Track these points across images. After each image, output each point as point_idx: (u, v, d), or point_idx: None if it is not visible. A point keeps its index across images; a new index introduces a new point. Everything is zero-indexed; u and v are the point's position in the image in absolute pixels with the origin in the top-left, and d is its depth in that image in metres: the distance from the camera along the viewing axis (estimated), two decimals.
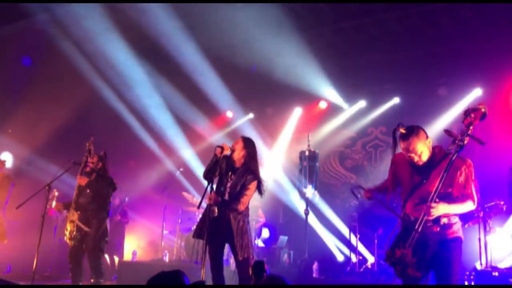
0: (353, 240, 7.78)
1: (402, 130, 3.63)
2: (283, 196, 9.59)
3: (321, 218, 9.20)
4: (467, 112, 3.50)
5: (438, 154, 3.66)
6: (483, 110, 3.45)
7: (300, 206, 9.02)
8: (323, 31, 8.24)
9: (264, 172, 5.03)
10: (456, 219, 3.65)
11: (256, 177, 4.80)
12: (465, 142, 3.44)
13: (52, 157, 8.08)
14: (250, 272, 4.24)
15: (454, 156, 3.46)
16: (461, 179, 3.58)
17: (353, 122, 9.80)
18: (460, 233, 3.65)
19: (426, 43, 8.28)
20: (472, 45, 7.94)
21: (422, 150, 3.62)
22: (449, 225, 3.59)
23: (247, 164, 4.85)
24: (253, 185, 4.75)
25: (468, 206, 3.61)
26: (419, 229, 3.50)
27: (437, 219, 3.56)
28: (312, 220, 8.94)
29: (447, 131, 3.54)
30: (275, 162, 10.18)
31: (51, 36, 7.98)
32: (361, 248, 8.10)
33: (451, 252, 3.55)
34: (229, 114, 10.76)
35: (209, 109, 10.31)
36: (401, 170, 3.84)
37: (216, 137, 10.30)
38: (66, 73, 8.55)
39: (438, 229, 3.55)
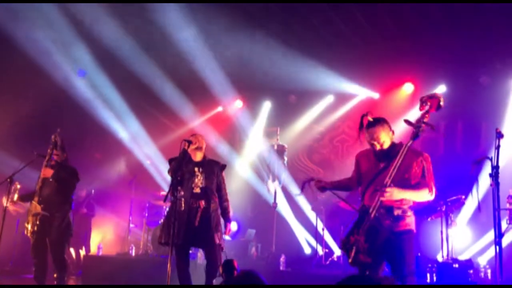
0: (320, 233, 7.88)
1: (369, 118, 3.78)
2: (251, 189, 9.62)
3: (289, 211, 9.28)
4: (423, 100, 3.62)
5: (398, 146, 3.77)
6: (441, 100, 3.57)
7: (268, 199, 9.07)
8: (291, 25, 8.24)
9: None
10: (410, 213, 3.74)
11: (223, 165, 5.23)
12: (421, 129, 3.56)
13: (14, 150, 7.86)
14: (221, 270, 4.28)
15: (410, 143, 3.58)
16: (417, 169, 3.71)
17: (321, 116, 9.87)
18: (413, 227, 3.75)
19: (391, 38, 8.39)
20: (437, 41, 8.09)
21: (385, 140, 3.76)
22: (402, 217, 3.68)
23: (207, 157, 5.17)
24: (224, 173, 5.18)
25: (424, 194, 3.70)
26: (372, 215, 3.59)
27: (391, 210, 3.65)
28: (280, 213, 9.00)
29: (406, 121, 3.67)
30: (244, 156, 10.20)
31: (10, 26, 7.72)
32: (328, 241, 8.21)
33: (403, 243, 3.64)
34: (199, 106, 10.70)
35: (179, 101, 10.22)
36: (363, 163, 3.99)
37: (184, 129, 10.22)
38: (27, 64, 8.29)
39: (391, 219, 3.63)
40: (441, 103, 3.57)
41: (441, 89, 8.60)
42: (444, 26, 7.81)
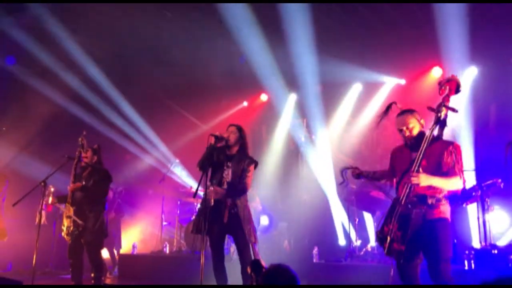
0: (352, 224, 7.79)
1: (399, 106, 3.87)
2: (281, 182, 9.57)
3: (321, 203, 9.18)
4: (441, 84, 3.62)
5: (429, 136, 3.71)
6: (459, 82, 3.58)
7: (298, 192, 9.00)
8: (314, 13, 8.12)
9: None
10: (444, 201, 3.70)
11: (253, 160, 4.91)
12: (443, 113, 3.56)
13: (46, 154, 8.04)
14: (249, 270, 4.25)
15: (434, 127, 3.59)
16: (448, 158, 3.68)
17: (349, 105, 9.73)
18: (447, 215, 3.70)
19: (417, 22, 8.18)
20: (465, 22, 7.85)
21: (414, 126, 3.78)
22: (436, 206, 3.65)
23: (243, 150, 4.93)
24: (252, 167, 4.86)
25: (455, 182, 3.65)
26: (402, 202, 3.60)
27: (424, 199, 3.63)
28: (312, 205, 8.92)
29: (429, 108, 3.67)
30: (272, 149, 10.16)
31: (35, 31, 7.87)
32: (361, 231, 8.11)
33: (436, 231, 3.60)
34: (224, 102, 10.72)
35: (204, 97, 10.28)
36: (397, 158, 4.00)
37: (210, 125, 10.27)
38: (55, 65, 8.47)
39: (424, 207, 3.62)
40: (459, 83, 3.56)
41: (472, 71, 8.38)
42: (471, 6, 7.55)
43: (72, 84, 8.89)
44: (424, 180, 3.55)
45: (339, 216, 8.93)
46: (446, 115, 3.56)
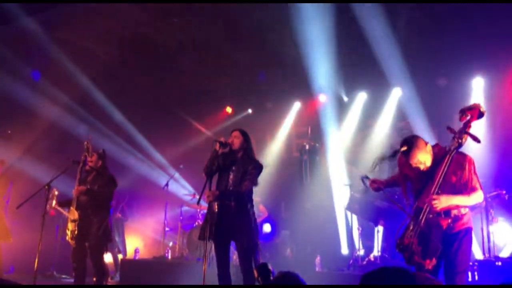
0: (355, 233, 7.76)
1: (403, 148, 3.80)
2: (284, 190, 9.55)
3: (323, 211, 9.16)
4: (462, 111, 3.68)
5: (438, 153, 3.82)
6: (481, 109, 3.62)
7: (301, 200, 8.98)
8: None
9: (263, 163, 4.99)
10: (466, 210, 3.78)
11: (258, 164, 4.82)
12: (464, 140, 3.63)
13: (50, 156, 8.06)
14: (256, 274, 4.21)
15: (454, 153, 3.65)
16: (463, 173, 3.74)
17: (353, 114, 9.73)
18: (470, 223, 3.80)
19: (425, 34, 8.19)
20: (471, 34, 7.86)
21: (425, 159, 3.80)
22: (459, 217, 3.74)
23: (247, 154, 4.87)
24: (256, 171, 4.75)
25: (476, 197, 3.74)
26: (422, 222, 3.65)
27: (448, 213, 3.71)
28: (315, 213, 8.90)
29: (449, 128, 3.73)
30: (275, 156, 10.16)
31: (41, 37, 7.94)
32: (364, 240, 8.07)
33: (461, 244, 3.69)
34: (228, 109, 10.74)
35: (208, 104, 10.30)
36: (408, 170, 3.99)
37: (214, 131, 10.29)
38: (58, 71, 8.52)
39: (450, 221, 3.70)
40: (482, 110, 3.61)
41: (477, 82, 8.36)
42: (476, 16, 7.55)
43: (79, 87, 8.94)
44: (445, 201, 3.65)
45: (343, 225, 8.90)
46: (465, 140, 3.65)
